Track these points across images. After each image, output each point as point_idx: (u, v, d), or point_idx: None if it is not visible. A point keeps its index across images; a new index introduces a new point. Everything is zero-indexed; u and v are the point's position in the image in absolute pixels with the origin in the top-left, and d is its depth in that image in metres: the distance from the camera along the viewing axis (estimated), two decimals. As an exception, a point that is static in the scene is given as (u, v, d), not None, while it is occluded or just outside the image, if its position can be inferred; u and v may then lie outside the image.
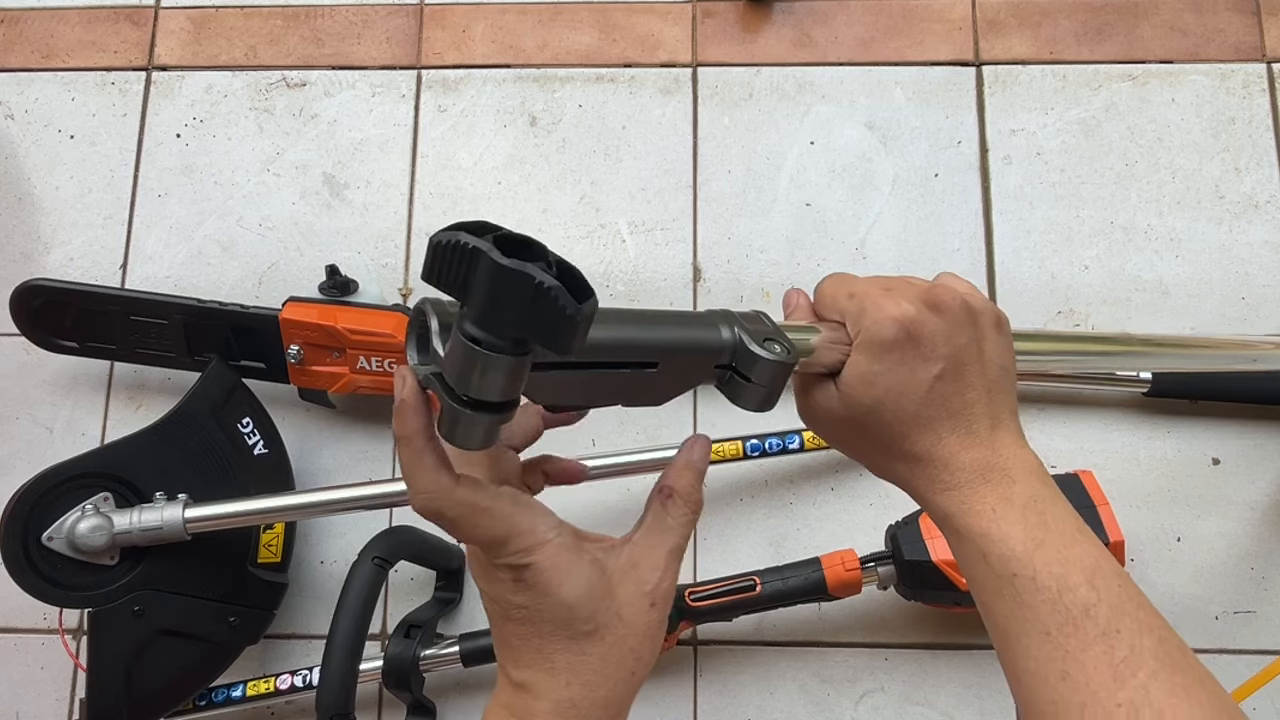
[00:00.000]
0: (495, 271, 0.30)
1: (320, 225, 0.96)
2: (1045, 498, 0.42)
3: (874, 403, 0.43)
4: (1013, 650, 0.41)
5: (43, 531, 0.75)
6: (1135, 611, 0.39)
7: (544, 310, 0.30)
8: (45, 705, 0.86)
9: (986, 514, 0.41)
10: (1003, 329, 0.45)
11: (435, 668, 0.80)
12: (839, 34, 1.00)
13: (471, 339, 0.31)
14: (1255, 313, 0.90)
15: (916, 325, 0.42)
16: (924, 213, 0.94)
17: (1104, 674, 0.37)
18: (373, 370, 0.82)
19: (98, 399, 0.92)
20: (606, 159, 0.96)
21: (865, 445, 0.45)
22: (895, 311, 0.42)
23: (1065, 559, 0.40)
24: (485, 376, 0.32)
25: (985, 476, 0.42)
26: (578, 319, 0.31)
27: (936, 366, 0.42)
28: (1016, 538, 0.40)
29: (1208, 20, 0.98)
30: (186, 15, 1.03)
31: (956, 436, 0.43)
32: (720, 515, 0.87)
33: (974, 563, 0.42)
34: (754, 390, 0.41)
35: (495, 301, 0.30)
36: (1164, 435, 0.88)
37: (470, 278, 0.30)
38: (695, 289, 0.93)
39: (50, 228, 0.97)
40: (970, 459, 0.42)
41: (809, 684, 0.83)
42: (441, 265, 0.31)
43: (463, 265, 0.30)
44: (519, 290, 0.30)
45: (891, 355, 0.42)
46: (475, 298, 0.31)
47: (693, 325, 0.41)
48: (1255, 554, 0.85)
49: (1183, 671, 0.38)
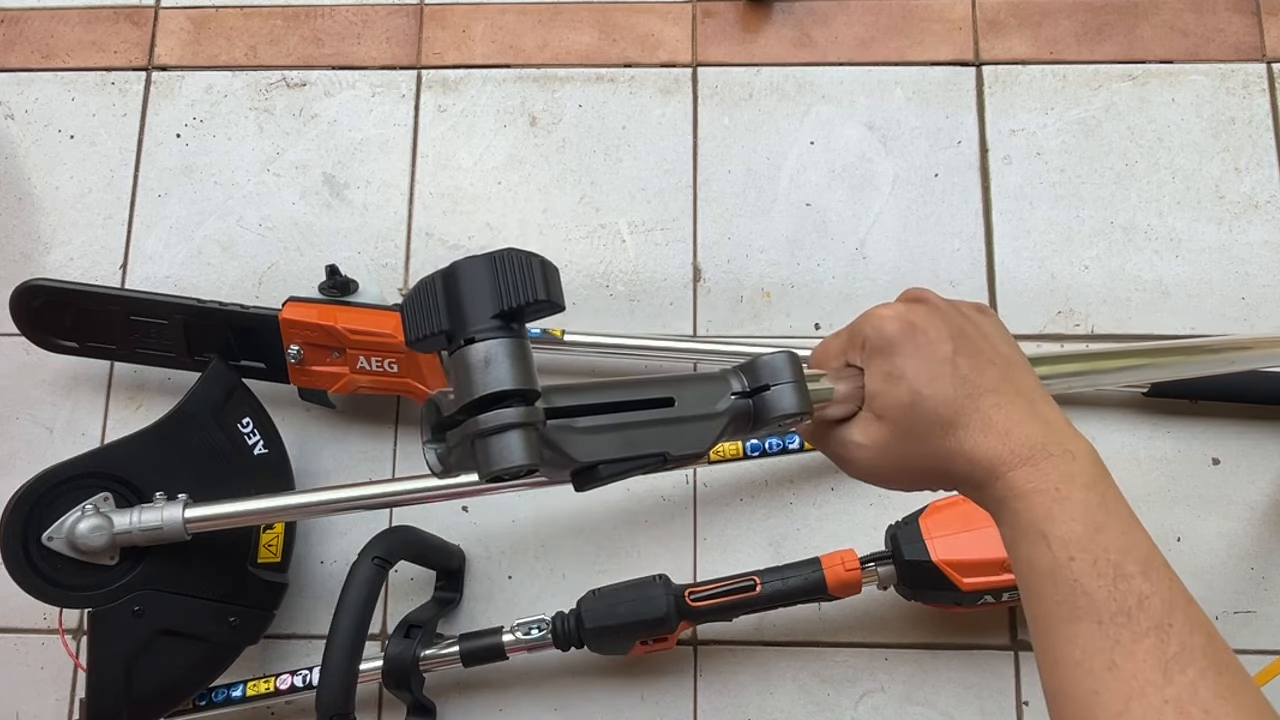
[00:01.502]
0: (457, 268, 0.34)
1: (320, 225, 0.96)
2: (1103, 480, 0.41)
3: (912, 396, 0.43)
4: (1057, 636, 0.39)
5: (43, 531, 0.75)
6: (1186, 607, 0.39)
7: (509, 266, 0.35)
8: (45, 705, 0.86)
9: (1050, 492, 0.40)
10: (985, 311, 0.47)
11: (435, 668, 0.80)
12: (839, 34, 1.00)
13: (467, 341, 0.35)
14: (1255, 313, 0.90)
15: (911, 315, 0.44)
16: (924, 213, 0.94)
17: (1153, 668, 0.37)
18: (373, 370, 0.82)
19: (98, 399, 0.92)
20: (606, 159, 0.96)
21: (920, 453, 0.44)
22: (886, 313, 0.44)
23: (1124, 546, 0.39)
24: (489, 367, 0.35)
25: (1048, 450, 0.41)
26: (533, 258, 0.35)
27: (948, 345, 0.43)
28: (1079, 519, 0.39)
29: (1208, 20, 0.98)
30: (186, 15, 1.03)
31: (1004, 411, 0.42)
32: (720, 515, 0.87)
33: (1031, 542, 0.40)
34: (779, 392, 0.42)
35: (472, 289, 0.34)
36: (1164, 435, 0.88)
37: (448, 295, 0.34)
38: (695, 289, 0.93)
39: (50, 228, 0.97)
40: (1028, 434, 0.42)
41: (809, 684, 0.83)
42: (419, 312, 0.35)
43: (433, 294, 0.35)
44: (483, 268, 0.35)
45: (904, 345, 0.43)
46: (459, 303, 0.34)
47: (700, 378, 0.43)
48: (1255, 554, 0.85)
49: (1229, 672, 0.37)
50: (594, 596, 0.78)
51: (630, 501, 0.87)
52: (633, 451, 0.39)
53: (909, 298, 0.46)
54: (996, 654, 0.83)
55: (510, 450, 0.34)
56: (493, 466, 0.34)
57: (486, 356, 0.34)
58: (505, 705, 0.83)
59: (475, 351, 0.35)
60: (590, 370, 0.91)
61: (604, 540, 0.87)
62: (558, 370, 0.91)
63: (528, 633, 0.78)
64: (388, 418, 0.90)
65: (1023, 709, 0.82)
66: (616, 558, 0.86)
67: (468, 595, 0.85)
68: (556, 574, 0.86)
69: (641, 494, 0.87)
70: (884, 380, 0.43)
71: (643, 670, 0.83)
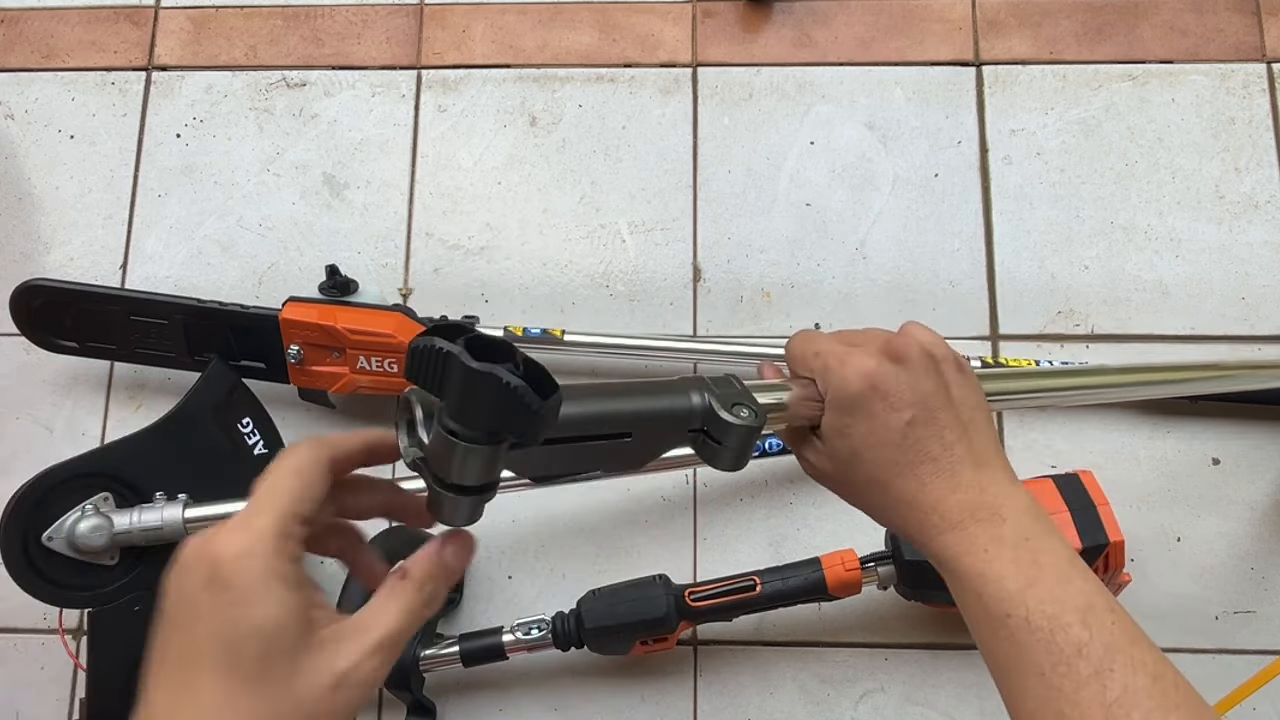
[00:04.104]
0: (466, 374, 0.33)
1: (320, 225, 0.96)
2: (1037, 534, 0.43)
3: (851, 454, 0.45)
4: (1010, 689, 0.41)
5: (43, 531, 0.75)
6: (1129, 648, 0.39)
7: (511, 407, 0.34)
8: (45, 705, 0.86)
9: (979, 554, 0.42)
10: (965, 371, 0.47)
11: (435, 668, 0.80)
12: (839, 34, 1.00)
13: (450, 432, 0.35)
14: (1255, 313, 0.90)
15: (879, 377, 0.44)
16: (924, 213, 0.94)
17: (1097, 714, 0.38)
18: (373, 370, 0.82)
19: (98, 399, 0.92)
20: (606, 159, 0.96)
21: (858, 494, 0.47)
22: (858, 366, 0.44)
23: (1058, 597, 0.40)
24: (464, 464, 0.36)
25: (975, 516, 0.43)
26: (542, 413, 0.34)
27: (907, 414, 0.44)
28: (1009, 576, 0.41)
29: (1208, 20, 0.98)
30: (186, 15, 1.03)
31: (941, 480, 0.44)
32: (720, 515, 0.87)
33: (969, 603, 0.43)
34: (725, 453, 0.44)
35: (468, 400, 0.34)
36: (1164, 435, 0.88)
37: (445, 379, 0.34)
38: (695, 289, 0.93)
39: (50, 228, 0.97)
40: (958, 501, 0.43)
41: (809, 684, 0.83)
42: (420, 368, 0.35)
43: (438, 368, 0.34)
44: (488, 390, 0.33)
45: (860, 409, 0.44)
46: (451, 397, 0.34)
47: (663, 394, 0.44)
48: (1255, 554, 0.85)
49: (1178, 709, 0.38)
50: (594, 596, 0.79)
51: (630, 501, 0.87)
52: (574, 470, 0.42)
53: (893, 353, 0.45)
54: (996, 654, 0.83)
55: (469, 472, 0.36)
56: (450, 480, 0.36)
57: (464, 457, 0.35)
58: (505, 705, 0.83)
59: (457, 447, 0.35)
60: (590, 370, 0.91)
61: (604, 540, 0.87)
62: (558, 370, 0.90)
63: (528, 633, 0.78)
64: (388, 418, 0.90)
65: (1023, 709, 0.82)
66: (616, 558, 0.86)
67: (468, 595, 0.85)
68: (556, 574, 0.86)
69: (641, 494, 0.87)
70: (835, 432, 0.45)
71: (643, 670, 0.83)
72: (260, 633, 0.33)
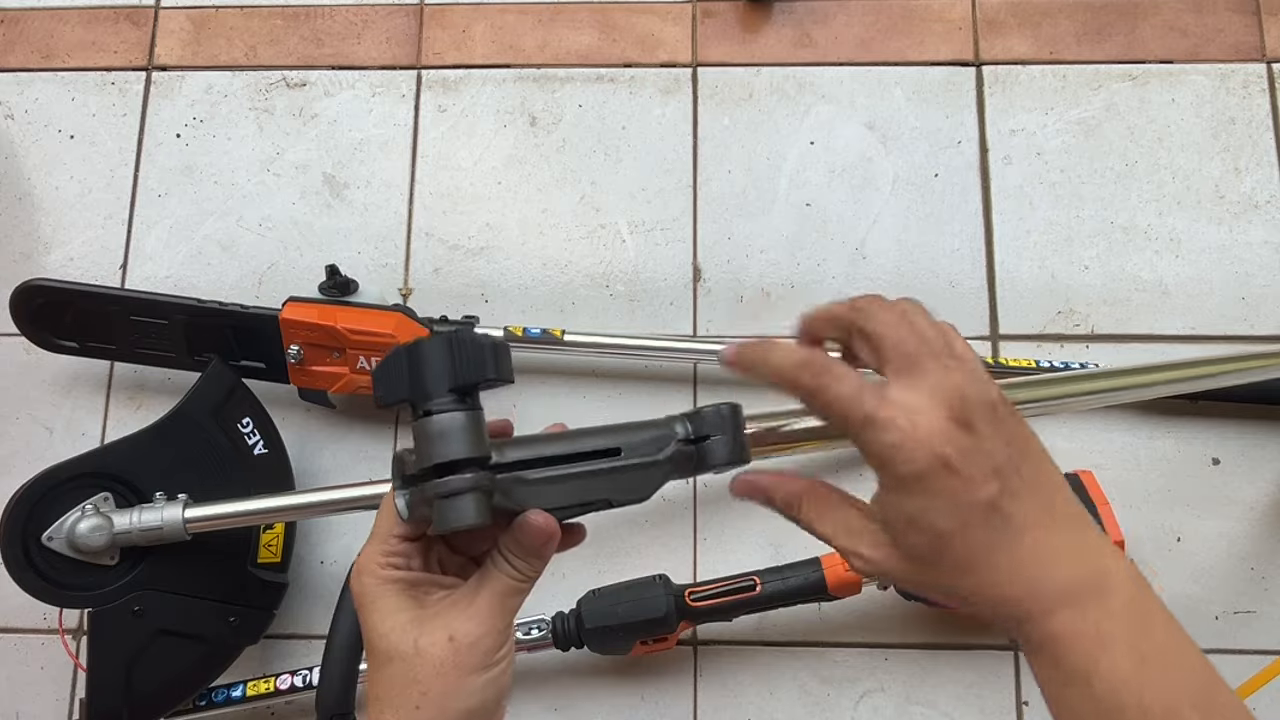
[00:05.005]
0: (410, 352, 0.39)
1: (320, 225, 0.96)
2: (1144, 600, 0.38)
3: (934, 542, 0.38)
4: None
5: (43, 531, 0.75)
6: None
7: (464, 348, 0.40)
8: (45, 705, 0.86)
9: (1090, 635, 0.37)
10: (1023, 422, 0.40)
11: (435, 668, 0.80)
12: (839, 34, 1.00)
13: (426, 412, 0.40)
14: (1255, 313, 0.90)
15: (949, 448, 0.37)
16: (924, 213, 0.94)
17: None
18: (372, 370, 0.82)
19: (98, 399, 0.92)
20: (606, 159, 0.96)
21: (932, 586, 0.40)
22: (919, 432, 0.37)
23: (1172, 683, 0.37)
24: (445, 433, 0.39)
25: (1087, 584, 0.37)
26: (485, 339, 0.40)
27: (992, 486, 0.37)
28: (1124, 656, 0.36)
29: (1208, 20, 0.99)
30: (186, 15, 1.03)
31: (1044, 549, 0.38)
32: (720, 515, 0.87)
33: (1078, 688, 0.37)
34: (718, 442, 0.44)
35: (422, 368, 0.39)
36: (1164, 435, 0.88)
37: (399, 373, 0.40)
38: (695, 289, 0.93)
39: (50, 228, 0.97)
40: (1067, 571, 0.38)
41: (809, 684, 0.83)
42: (387, 380, 0.40)
43: (400, 366, 0.40)
44: (439, 347, 0.39)
45: (932, 488, 0.37)
46: (414, 379, 0.39)
47: (645, 423, 0.45)
48: (1255, 554, 0.85)
49: None
50: (594, 596, 0.79)
51: (630, 501, 0.87)
52: (579, 499, 0.43)
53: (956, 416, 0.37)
54: (996, 654, 0.83)
55: (461, 512, 0.39)
56: (447, 526, 0.39)
57: (441, 429, 0.39)
58: (505, 705, 0.83)
59: (432, 423, 0.39)
60: (590, 370, 0.91)
61: (604, 540, 0.87)
62: (559, 370, 0.91)
63: (528, 633, 0.78)
64: (388, 418, 0.90)
65: (1023, 709, 0.82)
66: (616, 558, 0.86)
67: (468, 595, 0.85)
68: (556, 574, 0.86)
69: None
70: (903, 520, 0.38)
71: (643, 670, 0.83)
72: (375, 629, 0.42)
